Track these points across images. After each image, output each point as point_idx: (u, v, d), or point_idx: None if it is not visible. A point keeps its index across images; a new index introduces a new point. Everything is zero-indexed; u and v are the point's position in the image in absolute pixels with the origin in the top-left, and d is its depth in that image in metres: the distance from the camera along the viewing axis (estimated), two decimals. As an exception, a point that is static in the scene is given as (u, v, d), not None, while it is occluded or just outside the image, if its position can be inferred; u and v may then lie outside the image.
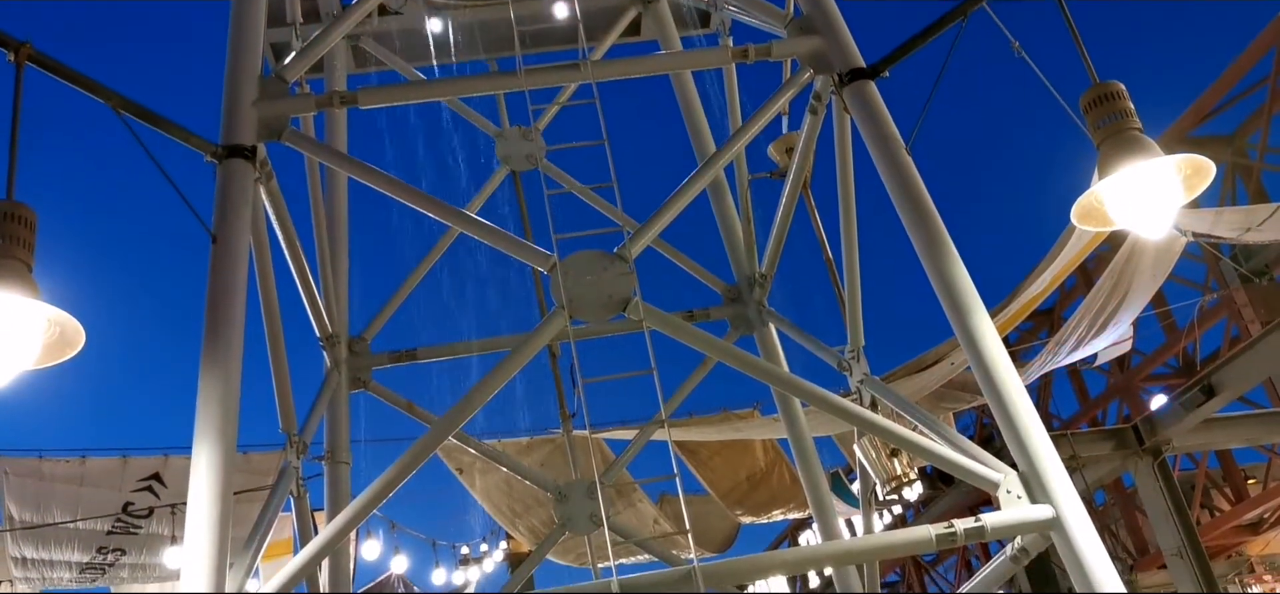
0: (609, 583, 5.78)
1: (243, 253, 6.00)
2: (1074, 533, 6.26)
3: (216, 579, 5.33)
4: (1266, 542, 20.68)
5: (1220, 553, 20.62)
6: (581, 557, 14.02)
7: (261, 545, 5.89)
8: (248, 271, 6.08)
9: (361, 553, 13.73)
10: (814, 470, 10.13)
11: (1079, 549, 6.25)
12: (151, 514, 9.49)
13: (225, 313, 5.83)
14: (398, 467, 5.89)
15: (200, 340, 5.80)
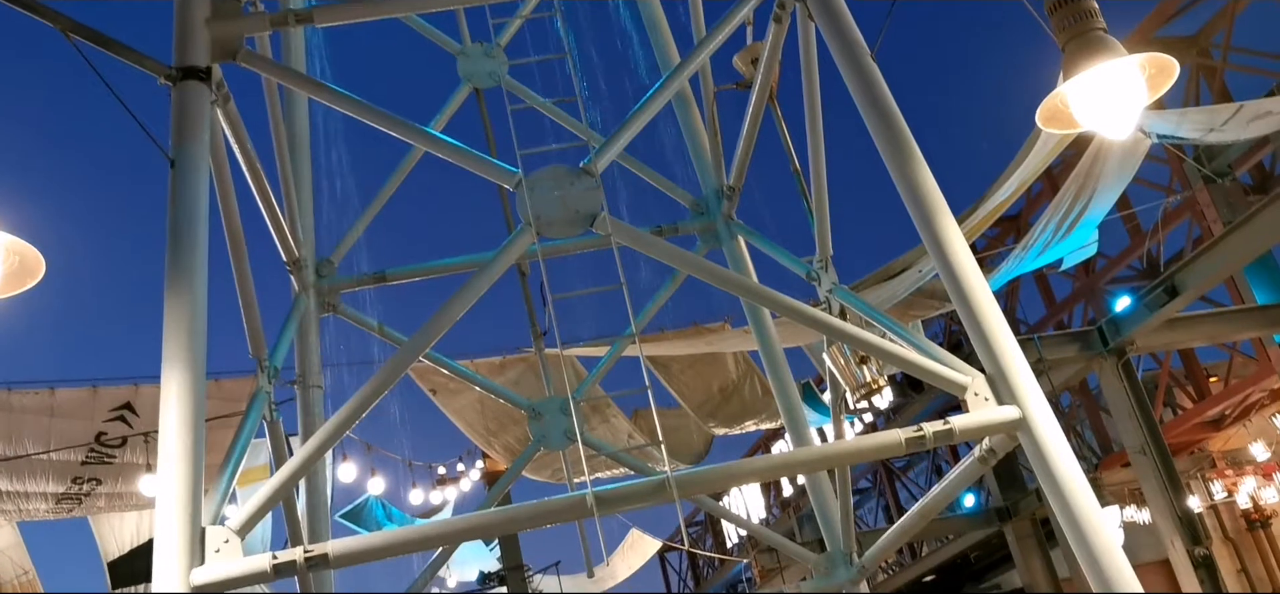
0: (584, 496, 5.85)
1: (202, 177, 5.92)
2: (1040, 432, 6.37)
3: (192, 506, 5.34)
4: (1227, 437, 21.18)
5: (1183, 449, 21.10)
6: (557, 473, 14.16)
7: (236, 471, 5.89)
8: (209, 196, 6.00)
9: (338, 475, 13.79)
10: (785, 381, 10.23)
11: (1045, 448, 6.36)
12: (125, 443, 9.46)
13: (187, 238, 5.76)
14: (369, 388, 5.88)
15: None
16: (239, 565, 5.28)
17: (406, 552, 6.00)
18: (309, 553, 5.45)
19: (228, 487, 5.70)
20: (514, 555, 20.34)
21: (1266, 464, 20.89)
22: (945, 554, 26.29)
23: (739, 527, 30.04)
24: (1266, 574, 22.01)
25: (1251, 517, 22.07)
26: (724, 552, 32.35)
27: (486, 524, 6.39)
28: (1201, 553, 13.84)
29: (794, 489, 29.12)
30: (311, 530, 7.98)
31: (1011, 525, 22.66)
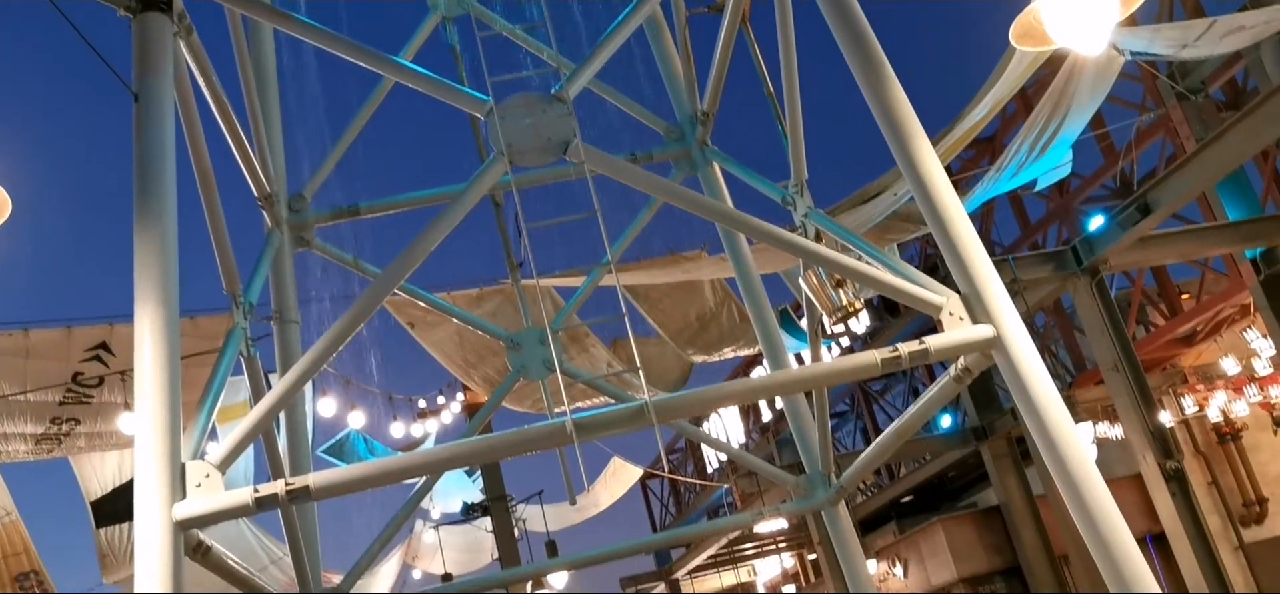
0: (564, 423, 5.88)
1: (167, 110, 5.83)
2: (1014, 350, 6.44)
3: (171, 442, 5.34)
4: (1199, 353, 21.48)
5: (1155, 366, 21.39)
6: (537, 403, 14.21)
7: (214, 406, 5.89)
8: (175, 130, 5.92)
9: (318, 410, 13.79)
10: (762, 307, 10.27)
11: (1019, 366, 6.44)
12: (102, 383, 9.43)
13: (154, 174, 5.69)
14: (346, 320, 5.87)
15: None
16: (221, 499, 5.30)
17: (388, 482, 6.03)
18: (290, 485, 5.48)
19: (207, 422, 5.70)
20: (496, 486, 20.47)
21: (1237, 378, 21.19)
22: (922, 474, 26.66)
23: (719, 452, 30.34)
24: (1236, 486, 22.44)
25: (1222, 430, 22.45)
26: (705, 478, 32.69)
27: (467, 453, 6.42)
28: (1172, 466, 14.09)
29: (772, 414, 29.39)
30: (293, 464, 8.01)
31: (987, 445, 22.97)
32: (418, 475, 7.85)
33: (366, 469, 5.83)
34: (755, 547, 29.53)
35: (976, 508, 25.25)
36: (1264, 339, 19.23)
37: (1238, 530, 22.17)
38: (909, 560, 24.77)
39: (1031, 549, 22.40)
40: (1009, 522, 23.00)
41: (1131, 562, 6.33)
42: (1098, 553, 6.41)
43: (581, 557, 10.49)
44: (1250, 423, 22.20)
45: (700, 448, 33.90)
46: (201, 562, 5.66)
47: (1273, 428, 22.04)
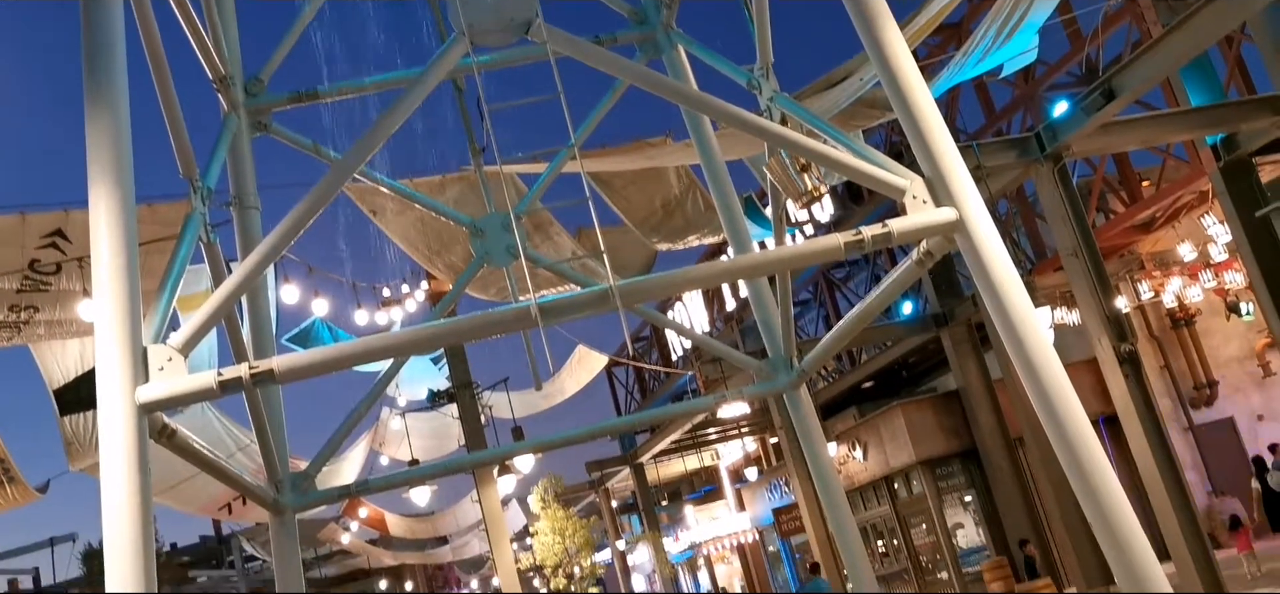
0: (529, 307, 5.88)
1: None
2: (976, 233, 6.50)
3: (131, 325, 5.29)
4: (1157, 240, 21.79)
5: (1113, 253, 21.70)
6: (502, 291, 14.20)
7: (175, 290, 5.82)
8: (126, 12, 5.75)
9: (281, 297, 13.71)
10: (727, 194, 10.25)
11: (981, 248, 6.50)
12: (60, 270, 9.29)
13: (104, 55, 5.54)
14: (305, 204, 5.81)
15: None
16: (184, 383, 5.28)
17: (352, 364, 6.03)
18: (255, 369, 5.47)
19: (168, 306, 5.65)
20: (462, 373, 20.54)
21: (1192, 264, 21.57)
22: (883, 360, 27.07)
23: (683, 338, 30.58)
24: (1188, 369, 23.00)
25: (1176, 315, 22.92)
26: (669, 365, 33.00)
27: (432, 336, 6.42)
28: (1127, 350, 14.35)
29: (736, 302, 29.60)
30: (257, 349, 7.98)
31: (948, 331, 23.31)
32: (383, 359, 7.85)
33: (331, 352, 5.82)
34: (718, 431, 29.97)
35: (935, 393, 25.73)
36: (1221, 225, 19.52)
37: (1188, 412, 22.78)
38: (869, 444, 25.28)
39: (988, 432, 22.92)
40: (967, 406, 23.47)
41: (1085, 441, 6.50)
42: (1053, 432, 6.56)
43: (547, 439, 10.61)
44: (1204, 308, 22.67)
45: (665, 336, 34.16)
46: (167, 445, 5.67)
47: (1226, 313, 22.53)
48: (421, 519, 34.39)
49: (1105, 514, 6.39)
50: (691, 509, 35.10)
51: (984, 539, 23.69)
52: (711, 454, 35.06)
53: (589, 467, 33.79)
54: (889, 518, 25.59)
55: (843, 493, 10.94)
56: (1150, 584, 6.29)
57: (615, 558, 36.07)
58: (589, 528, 25.38)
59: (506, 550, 20.01)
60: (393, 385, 21.49)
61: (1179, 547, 14.30)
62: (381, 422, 23.13)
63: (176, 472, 14.88)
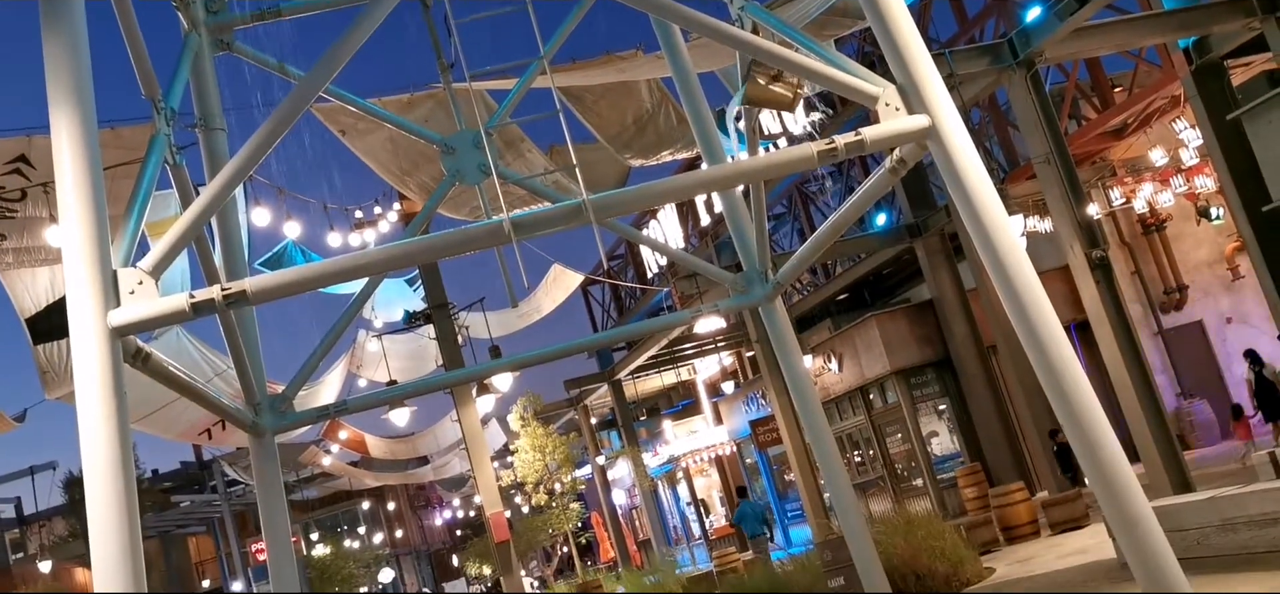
0: (501, 222, 5.85)
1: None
2: (949, 139, 6.50)
3: (99, 249, 5.23)
4: (1129, 146, 21.85)
5: (1086, 159, 21.77)
6: (475, 210, 14.10)
7: (142, 213, 5.75)
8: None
9: (252, 220, 13.58)
10: (700, 107, 10.19)
11: (954, 155, 6.50)
12: (25, 196, 9.14)
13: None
14: (271, 122, 5.72)
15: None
16: (156, 305, 5.25)
17: (325, 284, 6.00)
18: (227, 290, 5.43)
19: (136, 229, 5.58)
20: (438, 294, 20.49)
21: (1164, 170, 21.69)
22: (857, 272, 27.19)
23: (658, 254, 30.60)
24: (1158, 275, 23.25)
25: (1147, 221, 23.10)
26: (645, 282, 33.04)
27: (405, 253, 6.38)
28: (1098, 256, 14.46)
29: (711, 218, 29.58)
30: (228, 271, 7.93)
31: (921, 242, 23.41)
32: (356, 278, 7.82)
33: (304, 272, 5.78)
34: (695, 347, 30.11)
35: (910, 303, 25.90)
36: (1192, 130, 19.60)
37: (1158, 317, 23.08)
38: (844, 355, 25.49)
39: (962, 341, 23.15)
40: (941, 315, 23.67)
41: (1057, 346, 6.58)
42: (1026, 337, 6.63)
43: (525, 356, 10.63)
44: (1174, 213, 22.85)
45: (640, 254, 34.15)
46: (142, 369, 5.65)
47: (1196, 218, 22.72)
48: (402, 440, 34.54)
49: (1077, 417, 6.49)
50: (670, 424, 35.40)
51: (958, 446, 24.05)
52: (688, 369, 35.27)
53: (567, 384, 33.93)
54: (865, 428, 25.91)
55: (819, 404, 11.05)
56: (1120, 484, 6.42)
57: (595, 473, 36.43)
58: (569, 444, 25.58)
59: (487, 468, 20.17)
60: (368, 308, 21.43)
61: (1148, 448, 14.57)
62: (358, 344, 23.11)
63: (154, 398, 14.84)
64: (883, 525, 15.55)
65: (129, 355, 5.38)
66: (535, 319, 25.45)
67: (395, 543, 64.07)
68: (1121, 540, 6.58)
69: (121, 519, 4.95)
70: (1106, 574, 11.25)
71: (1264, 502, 9.90)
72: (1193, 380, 22.86)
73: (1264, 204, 13.93)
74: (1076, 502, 16.55)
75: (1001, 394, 23.02)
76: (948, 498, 22.94)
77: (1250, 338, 22.34)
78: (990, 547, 16.67)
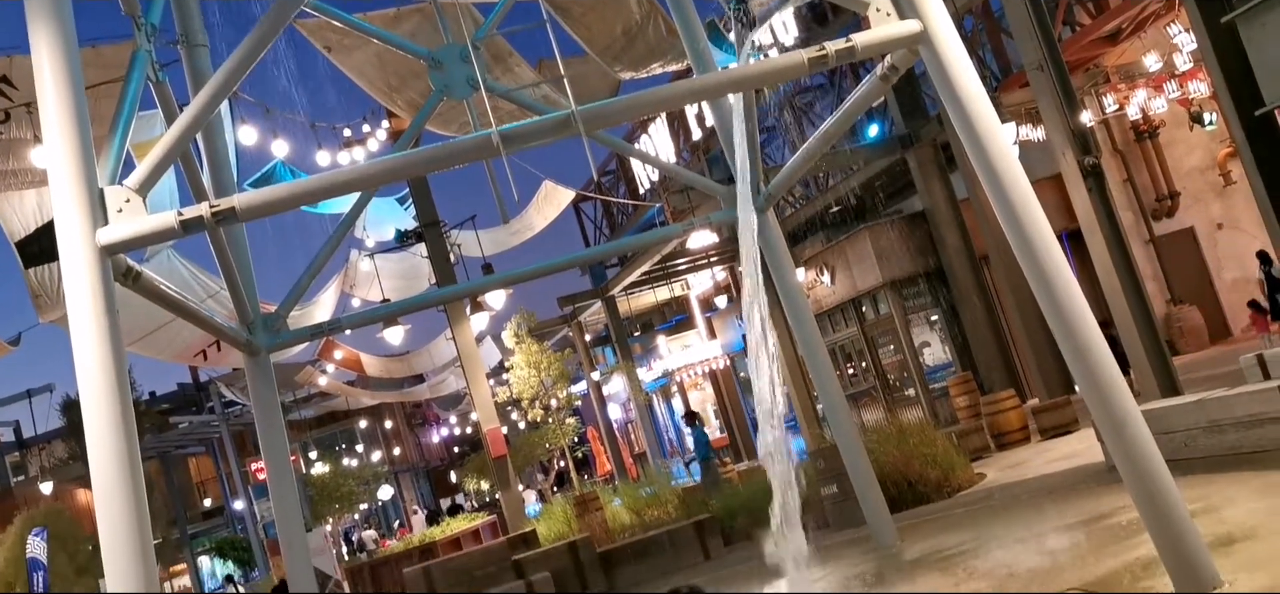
0: (490, 135, 5.81)
1: None
2: (941, 45, 6.44)
3: (85, 168, 5.19)
4: (1122, 51, 21.68)
5: (1079, 66, 21.59)
6: (464, 126, 14.00)
7: (127, 130, 5.70)
8: None
9: (239, 138, 13.47)
10: (689, 17, 10.07)
11: (945, 61, 6.44)
12: (8, 118, 9.05)
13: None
14: (254, 36, 5.64)
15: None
16: (145, 223, 5.22)
17: (315, 200, 5.98)
18: (216, 207, 5.40)
19: (121, 146, 5.54)
20: (429, 212, 20.43)
21: (1157, 75, 21.53)
22: (850, 184, 27.10)
23: (650, 169, 30.47)
24: (1150, 182, 23.23)
25: (1140, 128, 23.01)
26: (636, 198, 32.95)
27: (395, 167, 6.35)
28: (1090, 163, 14.42)
29: (702, 132, 29.40)
30: (217, 189, 7.88)
31: (913, 152, 23.30)
32: (345, 193, 7.79)
33: (293, 188, 5.76)
34: (687, 262, 30.09)
35: (902, 215, 25.87)
36: (1186, 34, 19.40)
37: (1149, 224, 23.11)
38: (836, 268, 25.54)
39: (954, 252, 23.17)
40: (933, 226, 23.66)
41: (1049, 252, 6.59)
42: (1017, 245, 6.65)
43: (517, 272, 10.65)
44: (1167, 119, 22.75)
45: (632, 171, 34.00)
46: (133, 287, 5.64)
47: (1189, 123, 22.62)
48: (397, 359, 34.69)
49: (1068, 324, 6.54)
50: (663, 339, 35.56)
51: (950, 356, 24.21)
52: (681, 285, 35.32)
53: (561, 301, 33.96)
54: (857, 339, 26.05)
55: (811, 316, 11.11)
56: (1110, 391, 6.48)
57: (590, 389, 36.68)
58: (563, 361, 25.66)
59: (483, 385, 20.29)
60: (360, 227, 21.38)
61: (1138, 355, 14.68)
62: (351, 264, 23.08)
63: (148, 321, 14.86)
64: (875, 434, 15.70)
65: (119, 274, 5.37)
66: (527, 237, 25.40)
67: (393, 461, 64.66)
68: (1110, 443, 6.66)
69: (119, 436, 4.98)
70: (1094, 477, 11.41)
71: (1251, 403, 10.00)
72: (1183, 287, 22.97)
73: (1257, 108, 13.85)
74: (1066, 408, 16.72)
75: (993, 304, 23.13)
76: (939, 407, 23.14)
77: (1241, 244, 22.41)
78: (981, 453, 16.87)
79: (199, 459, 54.37)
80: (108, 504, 5.05)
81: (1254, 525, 7.51)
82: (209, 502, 54.57)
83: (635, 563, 14.79)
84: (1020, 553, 8.89)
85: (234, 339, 8.30)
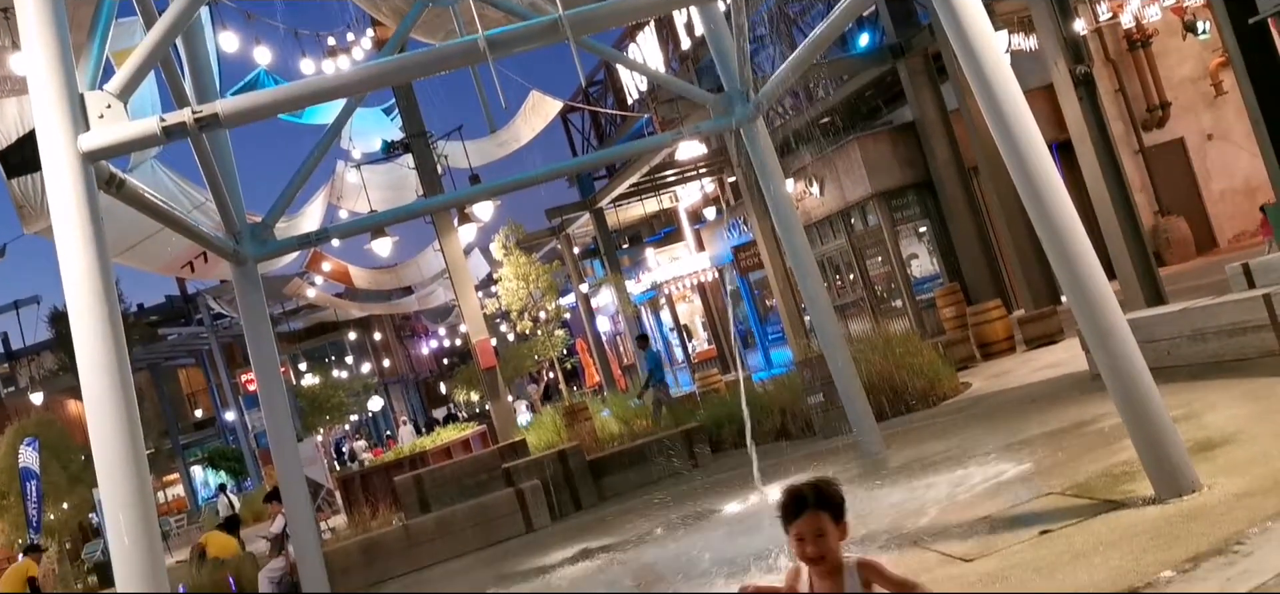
0: (476, 40, 5.73)
1: None
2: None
3: (64, 73, 5.11)
4: (1116, -41, 21.41)
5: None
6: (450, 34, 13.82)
7: (106, 35, 5.61)
8: None
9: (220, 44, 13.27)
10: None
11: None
12: (-15, 26, 8.89)
13: None
14: (236, -62, 5.53)
15: None
16: (126, 129, 5.16)
17: (299, 107, 5.91)
18: (198, 113, 5.34)
19: (101, 51, 5.45)
20: (415, 123, 20.24)
21: (1152, -18, 21.32)
22: (840, 95, 26.91)
23: (639, 77, 30.19)
24: (1141, 92, 23.14)
25: (1133, 37, 22.84)
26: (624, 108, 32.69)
27: (380, 73, 6.26)
28: (1082, 72, 14.34)
29: (691, 41, 29.08)
30: (199, 95, 7.78)
31: (904, 62, 23.11)
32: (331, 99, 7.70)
33: (277, 94, 5.69)
34: (676, 173, 29.99)
35: (892, 126, 25.74)
36: (1181, -58, 19.19)
37: (1139, 135, 23.08)
38: (825, 178, 25.47)
39: (943, 163, 23.12)
40: (923, 137, 23.56)
41: (1040, 161, 6.58)
42: (1008, 153, 6.62)
43: (504, 182, 10.59)
44: (1160, 28, 22.58)
45: (620, 81, 33.67)
46: (117, 194, 5.59)
47: (1182, 32, 22.47)
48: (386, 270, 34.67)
49: (1057, 233, 6.54)
50: (652, 251, 35.57)
51: (937, 267, 24.29)
52: (670, 197, 35.24)
53: (549, 213, 33.88)
54: (845, 251, 26.08)
55: (800, 227, 11.10)
56: (1096, 298, 6.52)
57: (579, 301, 36.78)
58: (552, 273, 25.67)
59: (472, 297, 20.30)
60: (346, 138, 21.20)
61: (1125, 265, 14.76)
62: (337, 175, 22.93)
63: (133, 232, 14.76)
64: (862, 345, 15.81)
65: (103, 181, 5.32)
66: (514, 148, 25.22)
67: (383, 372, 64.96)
68: (1095, 351, 6.72)
69: (107, 341, 4.97)
70: (1078, 385, 11.53)
71: (1234, 312, 10.08)
72: (1171, 198, 23.01)
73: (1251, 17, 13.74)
74: (1051, 318, 16.84)
75: (981, 215, 23.14)
76: (926, 318, 23.27)
77: (1230, 155, 22.43)
78: (967, 363, 17.01)
79: (189, 371, 54.53)
80: (98, 407, 5.05)
81: (1234, 431, 7.61)
82: (200, 413, 54.87)
83: (624, 471, 14.96)
84: (1003, 459, 9.01)
85: (220, 249, 8.26)
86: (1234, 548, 5.17)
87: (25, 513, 22.16)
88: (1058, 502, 7.03)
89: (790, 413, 14.96)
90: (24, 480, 22.33)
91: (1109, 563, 5.48)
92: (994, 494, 7.88)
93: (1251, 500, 5.86)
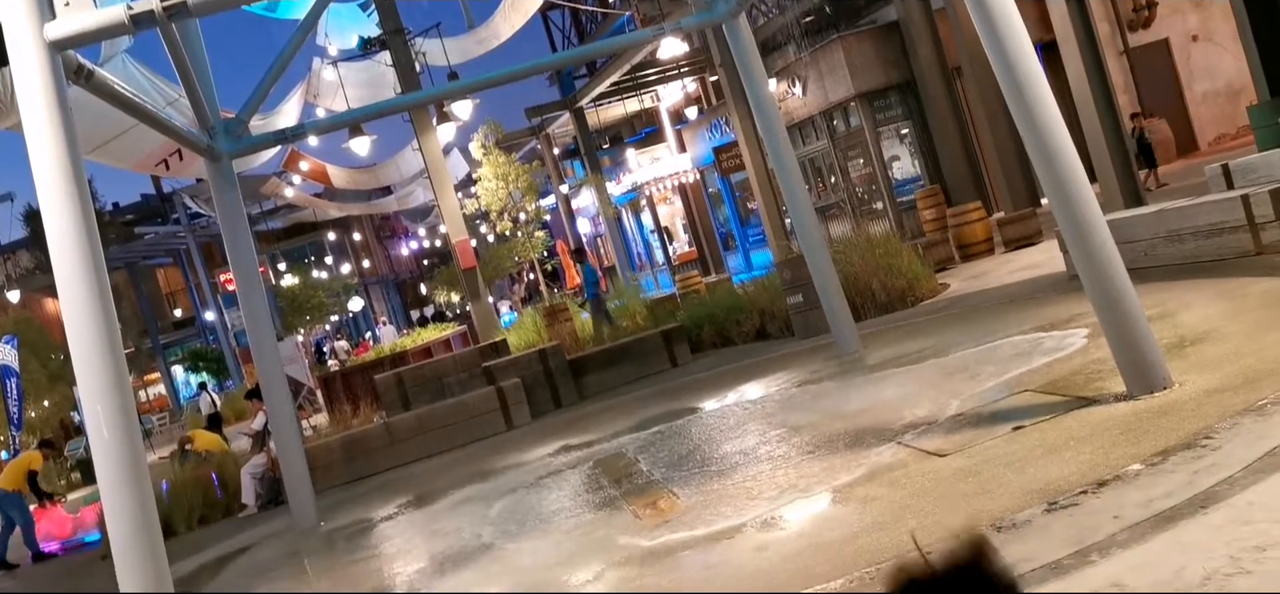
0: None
1: None
2: None
3: None
4: None
5: None
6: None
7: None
8: None
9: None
10: None
11: None
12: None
13: None
14: None
15: None
16: (93, 17, 5.05)
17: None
18: (166, 2, 5.22)
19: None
20: (392, 19, 19.88)
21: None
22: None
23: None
24: (1126, -7, 22.92)
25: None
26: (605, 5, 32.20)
27: (353, -35, 6.12)
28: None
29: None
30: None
31: (890, -40, 22.81)
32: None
33: (247, -17, 5.55)
34: (657, 72, 29.66)
35: (876, 25, 25.46)
36: None
37: (1124, 35, 22.92)
38: (808, 79, 25.25)
39: (927, 63, 22.94)
40: (907, 36, 23.34)
41: (1024, 60, 6.53)
42: (993, 52, 6.57)
43: (483, 78, 10.45)
44: (1149, -73, 22.32)
45: (601, -26, 33.11)
46: (86, 86, 5.49)
47: (1169, -68, 22.21)
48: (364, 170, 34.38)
49: (1040, 133, 6.53)
50: (633, 152, 35.32)
51: (919, 170, 24.25)
52: (651, 97, 34.90)
53: (529, 113, 33.54)
54: (827, 153, 25.98)
55: (782, 127, 11.03)
56: (1076, 198, 6.52)
57: (559, 202, 36.63)
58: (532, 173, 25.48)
59: (451, 197, 20.16)
60: (322, 34, 20.83)
61: (1105, 168, 14.76)
62: (314, 73, 22.58)
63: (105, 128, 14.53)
64: (842, 246, 15.84)
65: (71, 72, 5.21)
66: (494, 45, 24.84)
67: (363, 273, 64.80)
68: (1073, 251, 6.75)
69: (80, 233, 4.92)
70: (1054, 286, 11.62)
71: (1211, 213, 10.14)
72: (1154, 99, 22.96)
73: (1239, -85, 13.59)
74: (1031, 219, 16.89)
75: (964, 116, 23.05)
76: (907, 220, 23.29)
77: (1214, 56, 22.34)
78: (946, 264, 17.10)
79: (167, 270, 54.24)
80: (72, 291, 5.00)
81: (1207, 329, 7.70)
82: (179, 312, 54.71)
83: (604, 370, 15.05)
84: (978, 357, 9.10)
85: (194, 144, 8.15)
86: (1202, 442, 5.26)
87: (6, 411, 22.16)
88: (1031, 399, 7.12)
89: (769, 314, 15.05)
90: (3, 378, 22.28)
91: (1079, 457, 5.58)
92: (969, 392, 7.97)
93: (1222, 396, 5.95)
